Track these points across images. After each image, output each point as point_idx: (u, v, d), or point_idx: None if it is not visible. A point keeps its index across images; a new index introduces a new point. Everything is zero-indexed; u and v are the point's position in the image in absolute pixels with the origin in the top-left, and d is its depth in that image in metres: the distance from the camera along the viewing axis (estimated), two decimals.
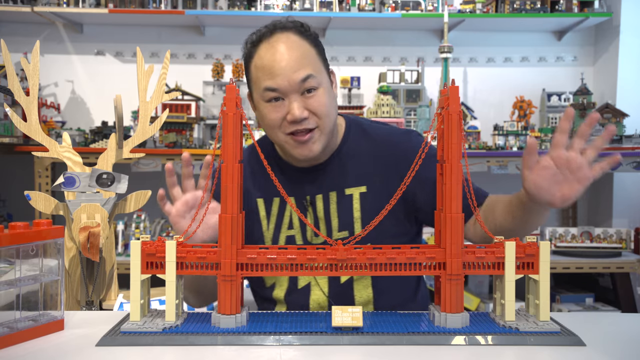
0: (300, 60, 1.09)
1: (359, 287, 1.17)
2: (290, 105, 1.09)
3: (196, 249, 0.88)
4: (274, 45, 1.10)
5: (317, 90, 1.10)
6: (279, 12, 2.77)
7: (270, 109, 1.11)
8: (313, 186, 1.18)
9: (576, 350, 0.82)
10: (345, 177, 1.18)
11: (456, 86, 0.89)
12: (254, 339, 0.84)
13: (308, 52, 1.11)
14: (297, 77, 1.08)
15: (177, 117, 2.64)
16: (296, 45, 1.10)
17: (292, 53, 1.09)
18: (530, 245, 0.89)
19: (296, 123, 1.09)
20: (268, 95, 1.10)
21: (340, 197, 1.17)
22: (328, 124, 1.12)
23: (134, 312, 0.88)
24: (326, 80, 1.14)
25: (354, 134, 1.22)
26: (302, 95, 1.10)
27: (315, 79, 1.09)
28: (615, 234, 2.69)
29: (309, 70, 1.09)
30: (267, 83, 1.09)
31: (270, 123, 1.11)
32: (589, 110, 2.76)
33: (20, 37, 2.88)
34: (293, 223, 1.18)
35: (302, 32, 1.13)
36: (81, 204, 1.21)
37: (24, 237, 0.86)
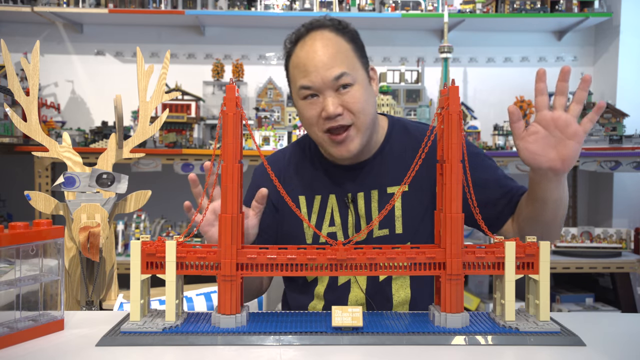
0: (334, 57, 1.10)
1: (397, 286, 1.17)
2: (324, 102, 1.10)
3: (196, 249, 0.88)
4: (309, 44, 1.11)
5: (352, 87, 1.10)
6: (279, 12, 2.77)
7: (306, 106, 1.12)
8: (355, 184, 1.18)
9: (576, 350, 0.82)
10: (387, 176, 1.18)
11: (456, 86, 0.89)
12: (254, 339, 0.84)
13: (343, 48, 1.12)
14: (330, 74, 1.09)
15: (177, 117, 2.64)
16: (331, 42, 1.11)
17: (326, 50, 1.10)
18: (530, 245, 0.89)
19: (331, 119, 1.10)
20: (303, 93, 1.12)
21: (381, 195, 1.17)
22: (364, 120, 1.12)
23: (134, 312, 0.88)
24: (363, 77, 1.14)
25: (396, 133, 1.22)
26: (337, 92, 1.10)
27: (349, 75, 1.10)
28: (615, 234, 2.69)
29: (342, 68, 1.09)
30: (301, 81, 1.11)
31: (307, 120, 1.13)
32: (589, 110, 2.76)
33: (20, 37, 2.88)
34: (334, 220, 1.18)
35: (339, 30, 1.14)
36: (81, 204, 1.21)
37: (24, 237, 0.86)
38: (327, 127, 1.11)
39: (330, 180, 1.20)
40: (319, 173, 1.21)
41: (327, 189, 1.20)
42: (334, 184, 1.19)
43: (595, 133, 2.63)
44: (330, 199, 1.19)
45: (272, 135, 2.61)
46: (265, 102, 2.88)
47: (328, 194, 1.19)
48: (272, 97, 2.91)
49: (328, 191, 1.19)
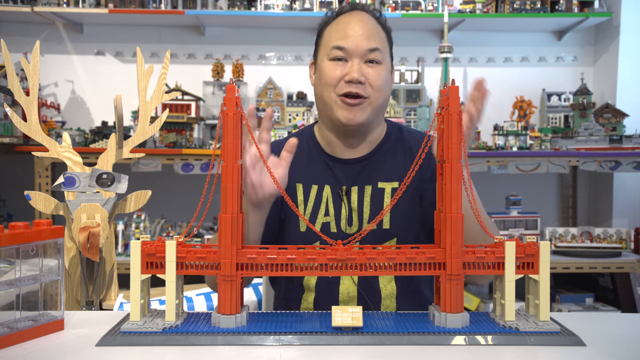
0: (372, 33, 1.18)
1: (383, 280, 1.21)
2: (351, 67, 1.16)
3: (196, 249, 0.88)
4: (353, 17, 1.20)
5: (379, 65, 1.18)
6: (279, 12, 2.77)
7: (331, 66, 1.18)
8: (350, 178, 1.23)
9: (576, 350, 0.82)
10: (380, 173, 1.24)
11: (456, 86, 0.89)
12: (254, 339, 0.84)
13: (381, 32, 1.21)
14: (366, 44, 1.17)
15: (177, 117, 2.64)
16: (371, 22, 1.21)
17: (367, 25, 1.19)
18: (530, 245, 0.89)
19: (352, 84, 1.15)
20: (334, 53, 1.18)
21: (374, 190, 1.22)
22: (379, 98, 1.18)
23: (134, 312, 0.88)
24: (388, 63, 1.22)
25: (394, 135, 1.29)
26: (365, 63, 1.17)
27: (381, 53, 1.18)
28: (615, 234, 2.69)
29: (378, 44, 1.18)
30: (337, 42, 1.18)
31: (329, 80, 1.18)
32: (589, 110, 2.77)
33: (20, 37, 2.88)
34: (329, 211, 1.22)
35: (378, 19, 1.24)
36: (81, 204, 1.21)
37: (24, 237, 0.86)
38: (345, 91, 1.16)
39: (327, 171, 1.24)
40: (317, 164, 1.25)
41: (324, 179, 1.24)
42: (330, 175, 1.24)
43: (595, 133, 2.63)
44: (326, 189, 1.23)
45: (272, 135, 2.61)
46: (265, 102, 2.88)
47: (324, 184, 1.23)
48: (272, 97, 2.91)
49: (324, 182, 1.24)
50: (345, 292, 1.19)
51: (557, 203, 3.15)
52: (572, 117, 2.84)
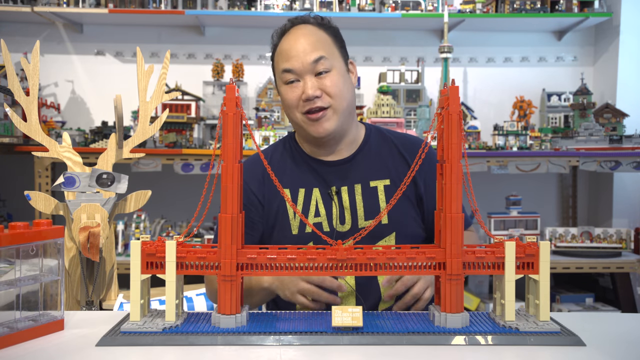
0: (313, 44, 1.21)
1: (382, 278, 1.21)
2: (304, 85, 1.20)
3: (196, 249, 0.88)
4: (293, 34, 1.24)
5: (330, 72, 1.21)
6: (279, 12, 2.77)
7: (288, 90, 1.23)
8: (338, 179, 1.26)
9: (576, 350, 0.82)
10: (369, 171, 1.27)
11: (456, 86, 0.89)
12: (254, 339, 0.84)
13: (323, 39, 1.24)
14: (309, 58, 1.20)
15: (177, 117, 2.64)
16: (312, 33, 1.23)
17: (307, 39, 1.22)
18: (530, 245, 0.89)
19: (310, 101, 1.20)
20: (285, 77, 1.23)
21: (365, 189, 1.25)
22: (341, 103, 1.21)
23: (134, 312, 0.88)
24: (341, 66, 1.24)
25: (374, 135, 1.32)
26: (316, 77, 1.21)
27: (327, 60, 1.21)
28: (615, 234, 2.69)
29: (321, 52, 1.20)
30: (283, 65, 1.22)
31: (289, 103, 1.23)
32: (589, 110, 2.77)
33: (20, 37, 2.88)
34: (319, 211, 1.25)
35: (321, 24, 1.27)
36: (81, 204, 1.21)
37: (24, 237, 0.86)
38: (306, 109, 1.20)
39: (313, 175, 1.27)
40: (302, 168, 1.28)
41: (311, 183, 1.27)
42: (317, 179, 1.26)
43: (595, 133, 2.63)
44: (314, 192, 1.26)
45: (272, 135, 2.61)
46: (265, 102, 2.88)
47: (312, 187, 1.26)
48: (272, 97, 2.91)
49: (312, 185, 1.26)
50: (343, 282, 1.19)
51: (557, 203, 3.15)
52: (572, 117, 2.84)
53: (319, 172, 1.27)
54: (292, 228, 1.24)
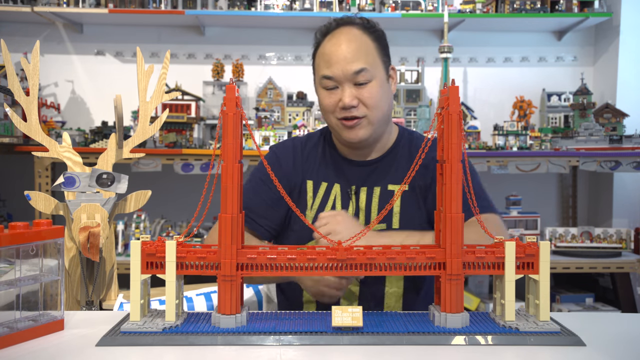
0: (356, 52, 1.19)
1: (390, 279, 1.22)
2: (342, 93, 1.20)
3: (196, 249, 0.88)
4: (337, 37, 1.22)
5: (370, 83, 1.20)
6: (279, 12, 2.77)
7: (326, 95, 1.23)
8: (360, 179, 1.27)
9: (576, 350, 0.82)
10: (391, 176, 1.27)
11: (456, 86, 0.89)
12: (254, 339, 0.84)
13: (367, 46, 1.22)
14: (351, 68, 1.19)
15: (177, 117, 2.64)
16: (356, 38, 1.21)
17: (350, 45, 1.20)
18: (530, 245, 0.89)
19: (346, 110, 1.20)
20: (324, 83, 1.22)
21: (383, 192, 1.26)
22: (376, 114, 1.21)
23: (134, 312, 0.88)
24: (381, 74, 1.23)
25: (405, 140, 1.32)
26: (355, 86, 1.20)
27: (368, 72, 1.19)
28: (615, 234, 2.69)
29: (362, 64, 1.19)
30: (324, 71, 1.22)
31: (326, 107, 1.24)
32: (589, 110, 2.77)
33: (20, 37, 2.88)
34: (336, 208, 1.26)
35: (366, 28, 1.24)
36: (81, 204, 1.21)
37: (24, 237, 0.86)
38: (342, 116, 1.21)
39: (338, 171, 1.28)
40: (329, 163, 1.30)
41: (334, 178, 1.28)
42: (341, 175, 1.28)
43: (595, 133, 2.63)
44: (335, 187, 1.27)
45: (272, 135, 2.61)
46: (265, 102, 2.88)
47: (334, 182, 1.27)
48: (272, 97, 2.91)
49: (334, 180, 1.27)
50: (347, 292, 1.20)
51: (557, 203, 3.15)
52: (572, 117, 2.84)
53: (343, 170, 1.28)
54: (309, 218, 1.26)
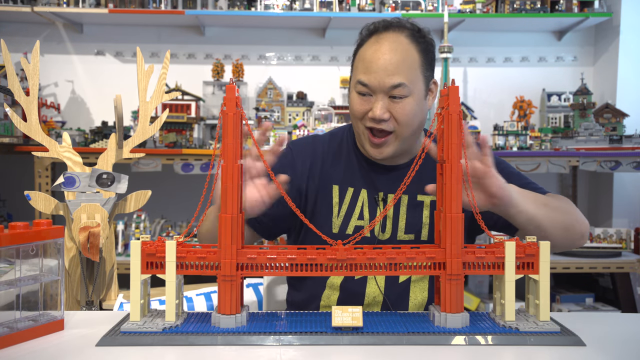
0: (398, 65, 1.12)
1: (415, 288, 1.19)
2: (375, 104, 1.13)
3: (196, 249, 0.88)
4: (381, 42, 1.14)
5: (406, 99, 1.13)
6: (279, 12, 2.77)
7: (358, 100, 1.16)
8: (388, 185, 1.21)
9: (576, 350, 0.82)
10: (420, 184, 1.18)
11: (456, 86, 0.89)
12: (254, 339, 0.84)
13: (411, 58, 1.14)
14: (388, 81, 1.12)
15: (177, 117, 2.64)
16: (401, 48, 1.13)
17: (394, 56, 1.12)
18: (530, 245, 0.89)
19: (375, 121, 1.13)
20: (359, 88, 1.15)
21: (411, 201, 1.21)
22: (406, 131, 1.15)
23: (134, 312, 0.88)
24: (420, 90, 1.15)
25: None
26: (390, 98, 1.13)
27: (406, 88, 1.12)
28: (615, 234, 2.69)
29: (401, 79, 1.12)
30: (361, 77, 1.15)
31: (355, 113, 1.17)
32: (589, 110, 2.77)
33: (20, 37, 2.88)
34: (364, 214, 1.21)
35: (414, 37, 1.16)
36: (81, 204, 1.21)
37: (24, 237, 0.86)
38: (370, 126, 1.15)
39: (365, 176, 1.22)
40: (355, 167, 1.24)
41: (360, 183, 1.22)
42: (368, 180, 1.22)
43: (595, 133, 2.63)
44: (362, 193, 1.22)
45: (272, 135, 2.61)
46: (265, 102, 2.88)
47: (360, 188, 1.22)
48: (272, 97, 2.91)
49: (361, 186, 1.22)
50: (371, 296, 1.18)
51: None
52: (572, 117, 2.84)
53: (371, 175, 1.22)
54: (333, 227, 1.21)
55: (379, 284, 1.18)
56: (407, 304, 1.19)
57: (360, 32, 1.20)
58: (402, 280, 1.19)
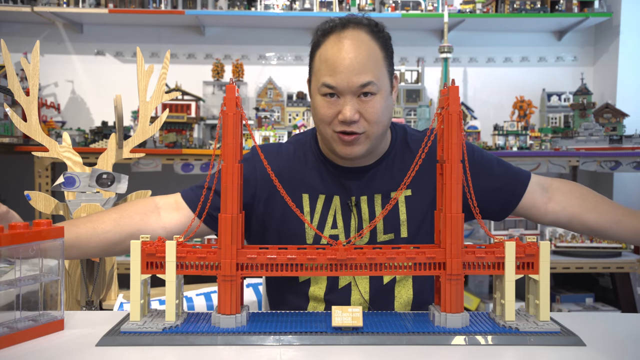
0: (364, 63, 1.07)
1: (400, 288, 1.17)
2: (344, 106, 1.08)
3: (196, 249, 0.88)
4: (343, 41, 1.09)
5: (375, 97, 1.09)
6: (279, 12, 2.77)
7: (324, 104, 1.10)
8: (359, 188, 1.18)
9: (576, 350, 0.82)
10: (391, 181, 1.18)
11: (456, 86, 0.89)
12: (254, 339, 0.84)
13: (375, 55, 1.10)
14: (357, 81, 1.07)
15: (177, 117, 2.64)
16: (365, 46, 1.09)
17: (358, 53, 1.07)
18: (530, 245, 0.89)
19: (345, 124, 1.09)
20: (325, 90, 1.10)
21: (385, 200, 1.17)
22: (377, 130, 1.11)
23: (134, 312, 0.88)
24: (386, 86, 1.12)
25: (399, 141, 1.22)
26: (358, 98, 1.09)
27: (374, 85, 1.08)
28: None
29: (370, 77, 1.08)
30: (326, 79, 1.09)
31: (322, 117, 1.11)
32: (589, 110, 2.76)
33: (20, 37, 2.88)
34: (337, 223, 1.17)
35: (375, 32, 1.12)
36: (81, 204, 1.21)
37: (24, 237, 0.86)
38: (339, 129, 1.10)
39: (334, 181, 1.19)
40: (323, 173, 1.19)
41: (331, 190, 1.18)
42: (338, 185, 1.18)
43: (595, 133, 2.63)
44: (334, 200, 1.18)
45: (272, 135, 2.61)
46: (265, 102, 2.88)
47: (332, 195, 1.18)
48: (272, 97, 2.91)
49: (332, 192, 1.18)
50: (357, 303, 1.16)
51: None
52: (572, 117, 2.84)
53: (340, 180, 1.18)
54: (307, 238, 1.17)
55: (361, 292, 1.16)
56: (392, 305, 1.17)
57: (316, 32, 1.14)
58: (387, 282, 1.17)
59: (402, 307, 1.18)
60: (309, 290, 1.18)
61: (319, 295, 1.17)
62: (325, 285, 1.18)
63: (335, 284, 1.17)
